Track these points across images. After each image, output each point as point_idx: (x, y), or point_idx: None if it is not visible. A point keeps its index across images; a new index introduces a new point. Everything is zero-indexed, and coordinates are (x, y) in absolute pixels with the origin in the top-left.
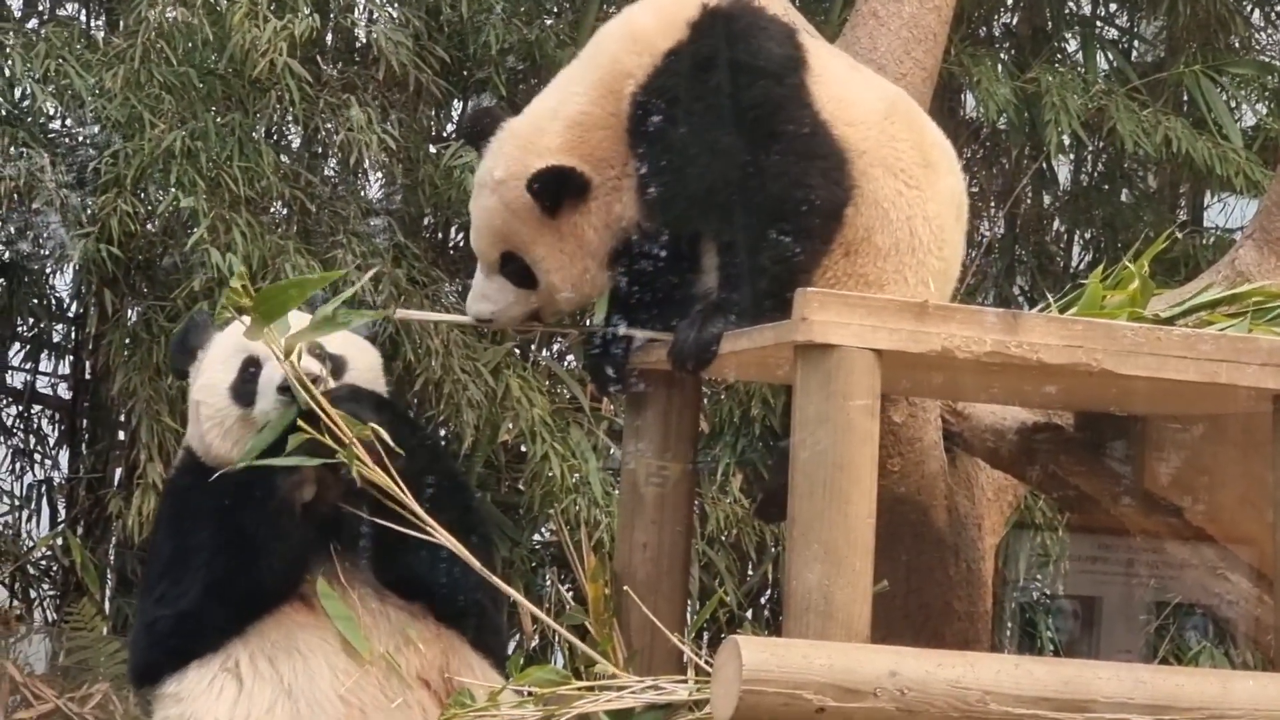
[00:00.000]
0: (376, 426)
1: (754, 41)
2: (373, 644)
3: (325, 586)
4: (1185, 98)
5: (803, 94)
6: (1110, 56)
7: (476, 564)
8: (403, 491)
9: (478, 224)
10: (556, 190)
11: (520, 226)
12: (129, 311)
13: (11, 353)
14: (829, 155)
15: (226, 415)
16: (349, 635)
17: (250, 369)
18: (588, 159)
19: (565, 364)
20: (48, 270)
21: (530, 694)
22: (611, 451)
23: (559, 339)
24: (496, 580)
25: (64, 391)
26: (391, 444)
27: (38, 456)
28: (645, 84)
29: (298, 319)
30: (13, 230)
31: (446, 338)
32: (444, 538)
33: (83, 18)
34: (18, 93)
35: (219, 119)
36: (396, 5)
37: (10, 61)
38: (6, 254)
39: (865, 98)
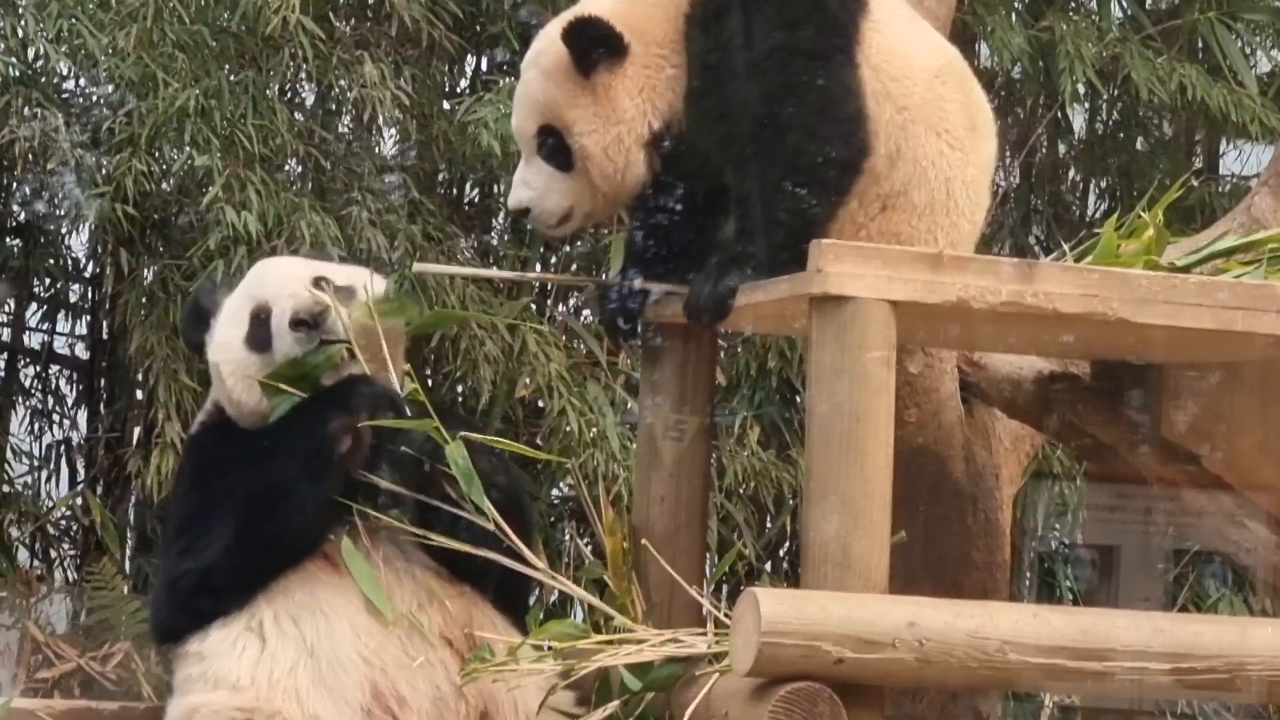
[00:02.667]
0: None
1: None
2: (395, 603)
3: (350, 545)
4: (1200, 44)
5: (854, 38)
6: (1124, 4)
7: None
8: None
9: (517, 102)
10: (587, 40)
11: (555, 90)
12: (145, 271)
13: (29, 313)
14: (851, 109)
15: (247, 366)
16: (372, 596)
17: (260, 316)
18: (631, 29)
19: (582, 319)
20: (64, 230)
21: (549, 648)
22: (629, 406)
23: (575, 293)
24: (533, 560)
25: (81, 351)
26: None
27: (56, 416)
28: None
29: (307, 267)
30: (28, 191)
31: (463, 293)
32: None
33: None
34: (31, 53)
35: (232, 77)
36: None
37: (23, 22)
38: (23, 215)
39: (918, 52)
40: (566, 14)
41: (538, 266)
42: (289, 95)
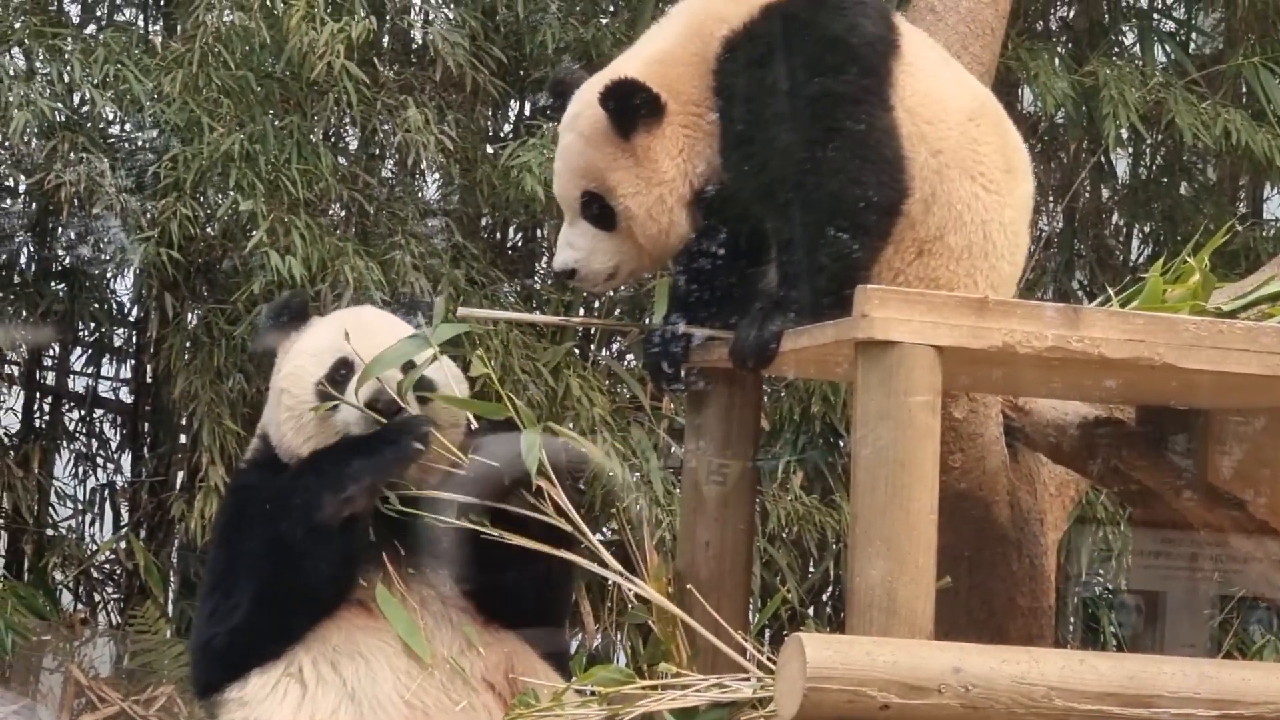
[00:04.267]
0: None
1: (851, 17)
2: (435, 647)
3: (384, 592)
4: (1244, 89)
5: (886, 81)
6: (1168, 49)
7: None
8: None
9: (558, 167)
10: (626, 103)
11: (596, 154)
12: (189, 315)
13: (74, 357)
14: (889, 153)
15: (305, 408)
16: (409, 639)
17: (341, 371)
18: (665, 87)
19: (625, 363)
20: (109, 275)
21: (594, 693)
22: (673, 450)
23: (619, 338)
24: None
25: (126, 395)
26: None
27: (100, 460)
28: (737, 31)
29: (391, 334)
30: (73, 235)
31: (506, 337)
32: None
33: (141, 23)
34: (77, 98)
35: (277, 122)
36: (452, 6)
37: (70, 67)
38: (68, 259)
39: (952, 95)
40: (600, 76)
41: (581, 311)
42: (333, 140)
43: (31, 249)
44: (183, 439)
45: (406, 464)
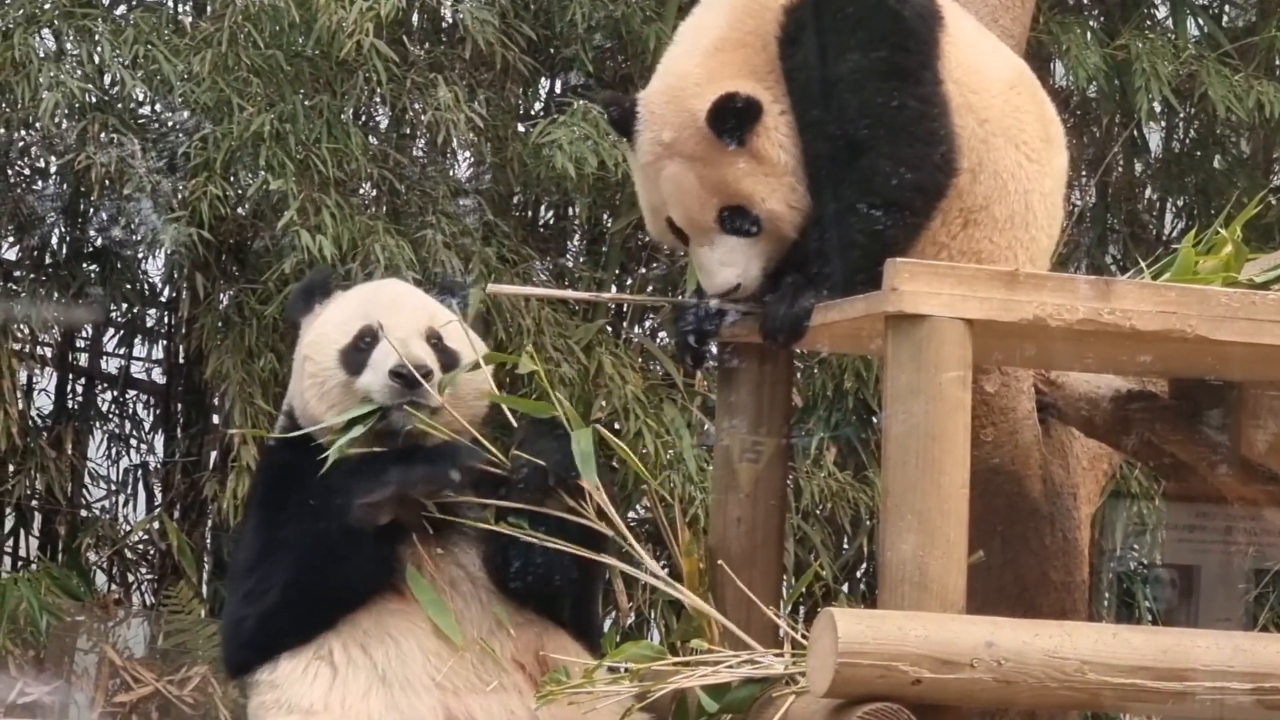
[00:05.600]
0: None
1: None
2: (465, 628)
3: (415, 573)
4: (1277, 61)
5: (935, 53)
6: (1200, 21)
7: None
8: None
9: (677, 195)
10: (733, 116)
11: (718, 171)
12: (221, 295)
13: (106, 338)
14: (942, 129)
15: (330, 378)
16: (439, 621)
17: (365, 339)
18: (741, 78)
19: (658, 340)
20: (140, 255)
21: (625, 670)
22: (705, 427)
23: (651, 314)
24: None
25: (158, 376)
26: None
27: (133, 441)
28: (795, 1)
29: (425, 309)
30: (105, 216)
31: (538, 315)
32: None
33: (170, 2)
34: (107, 79)
35: (307, 101)
36: None
37: (99, 48)
38: (100, 240)
39: (991, 64)
40: (663, 88)
41: (613, 288)
42: (363, 119)
43: (63, 230)
44: (215, 419)
45: (436, 487)
